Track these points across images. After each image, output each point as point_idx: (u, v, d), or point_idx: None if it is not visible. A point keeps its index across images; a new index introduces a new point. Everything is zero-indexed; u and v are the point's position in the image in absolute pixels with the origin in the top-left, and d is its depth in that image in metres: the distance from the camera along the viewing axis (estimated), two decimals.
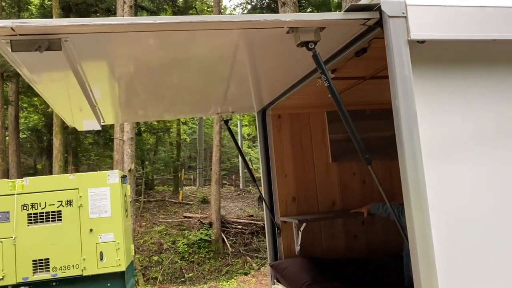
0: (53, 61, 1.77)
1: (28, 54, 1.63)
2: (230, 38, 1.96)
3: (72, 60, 1.78)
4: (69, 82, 2.09)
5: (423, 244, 1.67)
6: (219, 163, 16.89)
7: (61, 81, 2.06)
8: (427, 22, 1.78)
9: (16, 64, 1.76)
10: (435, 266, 1.66)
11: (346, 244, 3.65)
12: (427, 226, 1.68)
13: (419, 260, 1.66)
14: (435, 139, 1.76)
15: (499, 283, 1.70)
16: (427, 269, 1.66)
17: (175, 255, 14.88)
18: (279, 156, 3.60)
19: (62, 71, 1.93)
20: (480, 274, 1.70)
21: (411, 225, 1.69)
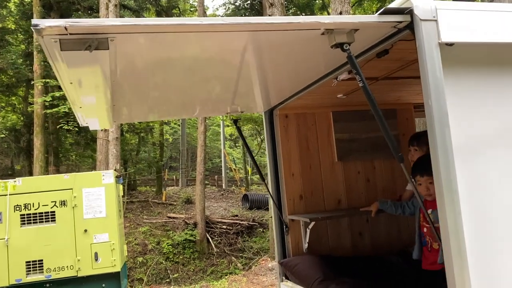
0: (92, 59, 1.78)
1: (72, 52, 1.64)
2: (253, 40, 1.99)
3: (112, 59, 1.79)
4: (99, 80, 2.10)
5: (455, 236, 1.74)
6: (204, 163, 16.86)
7: (92, 79, 2.07)
8: (456, 25, 1.86)
9: (56, 60, 1.76)
10: (466, 259, 1.73)
11: (351, 241, 3.73)
12: (459, 220, 1.75)
13: (452, 252, 1.73)
14: (464, 138, 1.84)
15: None
16: (459, 262, 1.73)
17: (160, 255, 14.78)
18: (286, 155, 3.65)
19: (96, 69, 1.94)
20: (508, 265, 1.79)
21: (444, 218, 1.76)
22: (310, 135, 3.74)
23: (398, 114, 4.02)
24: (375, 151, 3.91)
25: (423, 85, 1.85)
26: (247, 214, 17.39)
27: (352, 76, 2.78)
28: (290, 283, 3.45)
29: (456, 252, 1.74)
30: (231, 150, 29.47)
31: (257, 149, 26.02)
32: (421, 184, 2.73)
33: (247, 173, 23.04)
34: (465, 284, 1.73)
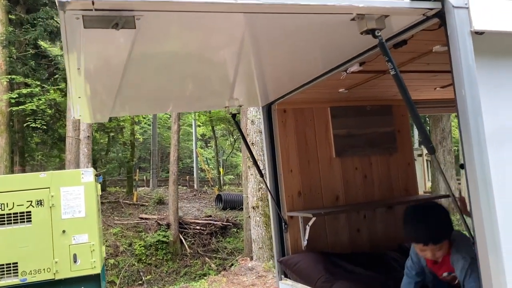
0: (114, 40, 1.64)
1: (94, 31, 1.50)
2: (272, 25, 1.90)
3: (136, 41, 1.66)
4: (112, 65, 1.95)
5: (490, 229, 1.71)
6: (177, 163, 16.59)
7: (105, 64, 1.92)
8: (486, 14, 1.83)
9: (73, 41, 1.61)
10: (501, 252, 1.70)
11: (349, 238, 3.70)
12: (493, 212, 1.72)
13: (488, 246, 1.70)
14: (494, 127, 1.80)
15: None
16: (495, 255, 1.70)
17: (132, 257, 14.42)
18: (284, 151, 3.57)
19: (114, 52, 1.79)
20: None
21: (478, 211, 1.72)
22: (308, 130, 3.68)
23: (394, 110, 4.02)
24: (371, 147, 3.89)
25: (455, 74, 1.81)
26: (221, 215, 17.21)
27: (363, 68, 2.74)
28: (290, 281, 3.37)
29: (491, 245, 1.71)
30: (203, 150, 29.18)
31: (230, 149, 25.87)
32: (427, 254, 2.30)
33: (220, 173, 22.84)
34: (500, 276, 1.69)
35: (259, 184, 10.03)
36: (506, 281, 1.70)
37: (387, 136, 3.97)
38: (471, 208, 1.78)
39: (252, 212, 10.22)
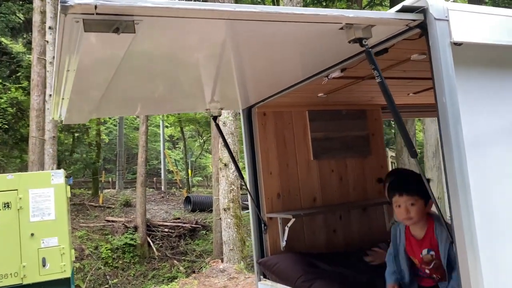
0: (111, 44, 1.65)
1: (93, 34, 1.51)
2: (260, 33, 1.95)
3: (133, 45, 1.67)
4: (103, 68, 1.95)
5: (468, 230, 1.82)
6: (145, 165, 16.36)
7: (97, 66, 1.92)
8: (464, 26, 1.95)
9: (70, 43, 1.61)
10: (479, 253, 1.81)
11: (326, 238, 3.79)
12: (471, 215, 1.83)
13: (466, 247, 1.80)
14: (472, 133, 1.92)
15: None
16: (472, 256, 1.81)
17: (98, 261, 14.13)
18: (264, 153, 3.63)
19: (109, 56, 1.80)
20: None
21: (457, 214, 1.83)
22: (287, 133, 3.75)
23: (368, 115, 4.15)
24: (347, 150, 4.01)
25: (436, 83, 1.91)
26: (190, 217, 17.12)
27: (343, 74, 2.83)
28: (270, 282, 3.42)
29: (469, 246, 1.81)
30: (170, 151, 28.88)
31: (199, 150, 25.75)
32: (400, 205, 2.46)
33: (188, 175, 22.68)
34: (477, 276, 1.80)
35: (230, 186, 10.06)
36: (483, 281, 1.81)
37: (362, 139, 4.10)
38: (450, 210, 1.89)
39: (223, 214, 10.23)
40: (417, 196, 2.45)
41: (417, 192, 2.45)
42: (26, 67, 15.72)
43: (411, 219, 2.49)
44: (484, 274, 1.81)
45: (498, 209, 1.92)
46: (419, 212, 2.46)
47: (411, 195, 2.46)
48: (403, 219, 2.53)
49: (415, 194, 2.45)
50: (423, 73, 3.10)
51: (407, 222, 2.53)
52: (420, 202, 2.45)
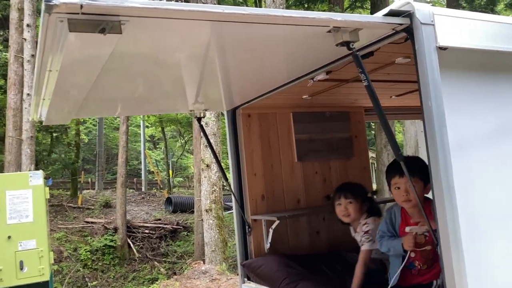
0: (96, 44, 1.61)
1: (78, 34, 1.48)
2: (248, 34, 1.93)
3: (119, 45, 1.64)
4: (87, 69, 1.91)
5: (453, 231, 1.85)
6: (125, 165, 16.15)
7: (81, 67, 1.88)
8: (449, 31, 1.98)
9: (53, 43, 1.57)
10: (463, 253, 1.84)
11: (310, 240, 3.80)
12: (456, 216, 1.86)
13: (451, 247, 1.83)
14: (457, 136, 1.95)
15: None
16: (457, 255, 1.83)
17: (77, 263, 13.89)
18: (249, 155, 3.62)
19: (93, 56, 1.76)
20: (498, 257, 1.94)
21: (443, 215, 1.85)
22: (272, 135, 3.75)
23: (351, 117, 4.18)
24: (330, 152, 4.03)
25: (422, 87, 1.94)
26: (171, 218, 16.97)
27: (329, 77, 2.84)
28: (254, 285, 3.41)
29: (454, 246, 1.84)
30: (151, 152, 28.60)
31: (180, 151, 25.56)
32: (400, 187, 2.50)
33: (169, 176, 22.49)
34: (462, 276, 1.83)
35: (212, 187, 10.01)
36: (467, 280, 1.84)
37: (345, 141, 4.12)
38: (435, 211, 1.92)
39: (205, 215, 10.18)
40: (417, 177, 2.39)
41: (418, 174, 2.39)
42: (2, 65, 15.35)
43: (410, 201, 2.47)
44: (468, 274, 1.84)
45: (482, 210, 1.96)
46: (419, 194, 2.40)
47: (411, 176, 2.36)
48: (402, 202, 2.51)
49: (415, 175, 2.38)
50: (406, 76, 3.15)
51: (406, 204, 2.50)
52: (420, 184, 2.41)
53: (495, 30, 2.04)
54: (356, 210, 3.17)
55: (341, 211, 3.20)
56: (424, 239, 2.46)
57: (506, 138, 2.05)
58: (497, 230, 1.97)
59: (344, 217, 3.22)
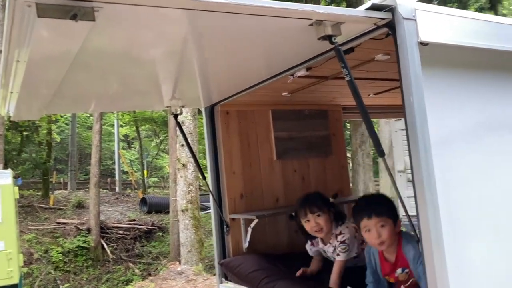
0: (67, 32, 1.53)
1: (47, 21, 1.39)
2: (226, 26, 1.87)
3: (91, 35, 1.55)
4: (58, 60, 1.82)
5: (434, 227, 1.83)
6: (99, 165, 15.83)
7: (51, 58, 1.78)
8: (430, 26, 1.96)
9: (20, 31, 1.48)
10: (444, 249, 1.83)
11: (288, 239, 3.76)
12: (437, 213, 1.84)
13: (432, 244, 1.81)
14: (438, 132, 1.94)
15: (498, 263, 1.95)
16: (438, 252, 1.82)
17: (48, 265, 13.51)
18: (227, 153, 3.56)
19: (64, 46, 1.67)
20: (477, 252, 1.94)
21: (424, 212, 1.84)
22: (251, 133, 3.70)
23: (329, 115, 4.17)
24: (309, 150, 4.00)
25: (403, 82, 1.92)
26: (146, 218, 16.71)
27: (309, 73, 2.81)
28: (232, 284, 3.35)
29: (435, 241, 1.83)
30: (125, 151, 28.14)
31: (155, 150, 25.23)
32: (370, 230, 2.37)
33: (144, 176, 22.17)
34: (442, 270, 1.82)
35: (188, 187, 9.89)
36: (448, 275, 1.83)
37: (323, 139, 4.11)
38: (417, 207, 1.90)
39: (181, 215, 10.04)
40: (386, 217, 2.36)
41: (386, 212, 2.37)
42: None
43: (383, 243, 2.37)
44: (449, 270, 1.83)
45: (462, 207, 1.95)
46: (390, 234, 2.36)
47: (380, 216, 2.36)
48: (375, 245, 2.40)
49: (384, 215, 2.36)
50: (385, 74, 3.15)
51: (380, 247, 2.40)
52: (390, 222, 2.36)
53: (476, 27, 2.05)
54: (326, 221, 2.99)
55: (312, 227, 2.98)
56: (407, 275, 2.41)
57: (486, 135, 2.06)
58: (478, 226, 1.97)
59: (317, 232, 3.01)
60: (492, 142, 2.07)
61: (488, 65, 2.13)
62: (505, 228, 2.07)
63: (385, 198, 2.54)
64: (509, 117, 2.18)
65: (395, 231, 2.39)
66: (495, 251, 2.04)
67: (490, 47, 2.04)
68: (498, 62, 2.17)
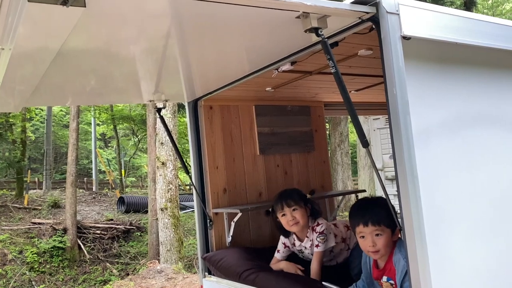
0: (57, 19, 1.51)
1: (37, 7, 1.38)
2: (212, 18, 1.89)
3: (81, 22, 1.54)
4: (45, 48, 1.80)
5: (417, 218, 1.88)
6: (76, 164, 15.55)
7: (37, 46, 1.76)
8: (413, 21, 2.02)
9: (8, 17, 1.46)
10: (426, 239, 1.88)
11: (271, 232, 3.79)
12: (419, 204, 1.89)
13: (415, 234, 1.86)
14: (419, 125, 1.99)
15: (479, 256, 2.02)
16: (420, 242, 1.87)
17: (23, 266, 13.21)
18: (211, 147, 3.56)
19: (52, 33, 1.65)
20: (457, 241, 2.00)
21: (407, 203, 1.88)
22: (234, 128, 3.71)
23: (312, 111, 4.22)
24: (291, 145, 4.05)
25: (387, 75, 1.96)
26: (124, 218, 16.49)
27: (293, 68, 2.85)
28: (215, 278, 3.36)
29: (417, 231, 1.88)
30: (102, 150, 27.73)
31: (132, 150, 24.91)
32: (365, 237, 2.26)
33: (122, 175, 21.87)
34: (424, 259, 1.87)
35: (168, 185, 9.83)
36: (429, 264, 1.88)
37: (306, 135, 4.16)
38: (399, 199, 1.95)
39: (160, 214, 9.98)
40: (384, 226, 2.23)
41: (384, 221, 2.22)
42: None
43: (377, 253, 2.25)
44: (431, 261, 1.88)
45: (444, 198, 2.01)
46: (386, 244, 2.23)
47: (377, 225, 2.23)
48: (369, 253, 2.30)
49: (382, 224, 2.23)
50: (367, 70, 3.22)
51: (374, 256, 2.30)
52: (387, 231, 2.24)
53: (458, 23, 2.11)
54: (303, 215, 3.02)
55: (288, 221, 3.01)
56: (391, 286, 2.31)
57: (467, 129, 2.12)
58: (459, 219, 2.03)
59: (293, 226, 3.03)
60: (472, 135, 2.14)
61: (468, 60, 2.20)
62: (485, 220, 2.14)
63: (383, 206, 2.23)
64: (488, 112, 2.26)
65: (391, 240, 2.27)
66: (476, 243, 2.10)
67: (471, 43, 2.11)
68: (478, 57, 2.25)
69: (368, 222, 2.24)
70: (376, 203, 2.39)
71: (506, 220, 2.22)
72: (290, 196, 3.07)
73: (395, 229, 2.24)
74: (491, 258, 2.13)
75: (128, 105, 19.94)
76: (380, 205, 2.30)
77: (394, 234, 2.27)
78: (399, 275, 2.22)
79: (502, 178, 2.25)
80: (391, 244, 2.27)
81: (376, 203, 2.40)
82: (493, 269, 2.13)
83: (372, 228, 2.23)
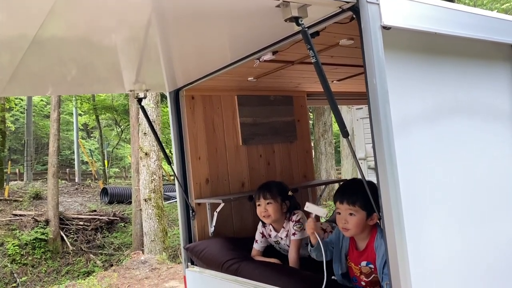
0: None
1: None
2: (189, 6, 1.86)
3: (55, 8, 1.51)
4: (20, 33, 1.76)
5: (395, 205, 1.91)
6: (57, 155, 15.33)
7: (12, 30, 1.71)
8: (393, 11, 2.02)
9: None
10: (404, 226, 1.91)
11: (254, 222, 3.80)
12: (398, 188, 1.92)
13: (394, 221, 1.89)
14: (399, 114, 2.01)
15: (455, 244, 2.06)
16: (399, 228, 1.90)
17: (4, 258, 13.05)
18: (192, 138, 3.54)
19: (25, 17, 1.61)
20: (432, 228, 2.04)
21: (386, 190, 1.91)
22: (216, 118, 3.70)
23: (294, 101, 4.22)
24: (274, 135, 4.05)
25: (367, 65, 1.96)
26: (107, 209, 16.37)
27: (275, 57, 2.84)
28: (198, 268, 3.37)
29: (396, 218, 1.90)
30: (85, 141, 27.38)
31: (116, 140, 24.67)
32: (340, 213, 2.41)
33: (105, 166, 21.67)
34: (402, 244, 1.90)
35: (151, 176, 9.77)
36: (407, 249, 1.91)
37: (288, 125, 4.17)
38: (379, 185, 1.97)
39: (144, 204, 9.93)
40: (357, 207, 2.35)
41: (359, 203, 2.34)
42: None
43: (347, 230, 2.38)
44: (409, 247, 1.91)
45: (421, 187, 2.04)
46: (357, 224, 2.35)
47: (351, 204, 2.36)
48: (340, 228, 2.42)
49: (356, 205, 2.35)
50: (349, 60, 3.22)
51: (344, 233, 2.42)
52: (361, 213, 2.35)
53: (438, 13, 2.12)
54: (275, 210, 3.11)
55: (261, 212, 3.15)
56: (370, 270, 2.38)
57: (444, 119, 2.15)
58: (437, 209, 2.06)
59: (264, 218, 3.16)
60: (449, 125, 2.17)
61: (448, 50, 2.22)
62: (460, 209, 2.18)
63: (365, 189, 2.18)
64: (466, 102, 2.29)
65: (366, 223, 2.37)
66: (451, 230, 2.14)
67: (450, 33, 2.13)
68: (458, 48, 2.27)
69: (344, 201, 2.39)
70: (358, 185, 2.40)
71: (481, 208, 2.27)
72: (268, 189, 3.15)
73: (372, 213, 2.33)
74: (466, 246, 2.18)
75: (110, 94, 19.70)
76: (360, 189, 2.30)
77: (371, 219, 2.37)
78: (380, 260, 2.29)
79: (477, 166, 2.30)
80: (366, 227, 2.38)
81: (357, 186, 2.43)
82: (467, 256, 2.18)
83: (346, 207, 2.37)
